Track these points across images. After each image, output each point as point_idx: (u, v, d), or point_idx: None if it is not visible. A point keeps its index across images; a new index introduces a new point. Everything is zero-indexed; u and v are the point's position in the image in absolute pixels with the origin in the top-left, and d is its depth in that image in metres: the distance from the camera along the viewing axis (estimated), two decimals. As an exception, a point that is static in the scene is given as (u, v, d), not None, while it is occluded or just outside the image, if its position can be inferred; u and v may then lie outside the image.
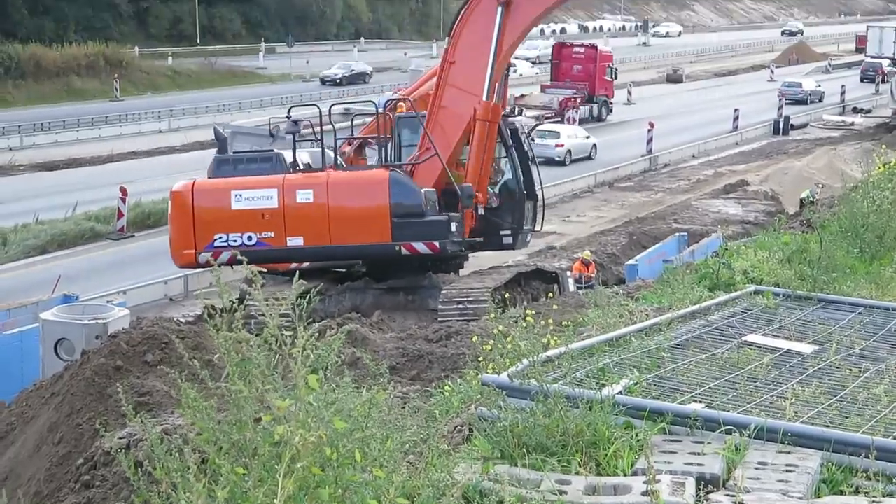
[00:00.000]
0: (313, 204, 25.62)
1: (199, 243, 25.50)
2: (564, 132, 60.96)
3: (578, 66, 75.14)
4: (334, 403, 6.04)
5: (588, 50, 76.81)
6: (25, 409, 16.37)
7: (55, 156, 58.43)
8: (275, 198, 25.65)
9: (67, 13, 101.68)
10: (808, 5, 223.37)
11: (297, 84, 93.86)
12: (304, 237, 25.63)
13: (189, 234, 25.61)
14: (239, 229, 25.56)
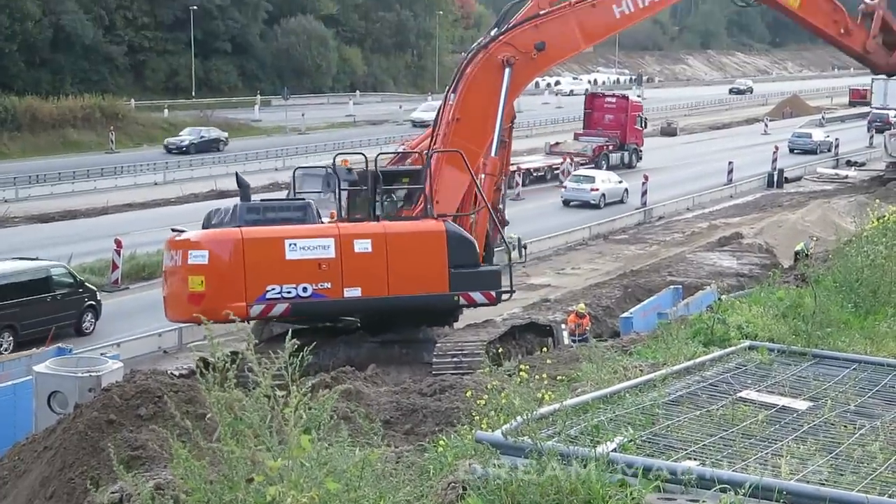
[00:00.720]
0: (372, 254, 25.46)
1: (250, 295, 24.73)
2: (599, 177, 64.16)
3: (610, 115, 78.29)
4: (327, 463, 6.01)
5: (619, 100, 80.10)
6: (18, 463, 16.24)
7: (50, 208, 58.43)
8: (332, 248, 25.21)
9: (64, 66, 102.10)
10: (801, 59, 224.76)
11: (292, 136, 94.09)
12: (361, 288, 25.42)
13: (235, 286, 24.58)
14: (294, 280, 24.93)
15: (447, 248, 26.02)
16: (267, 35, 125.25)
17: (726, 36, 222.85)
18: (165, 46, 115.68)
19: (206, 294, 24.59)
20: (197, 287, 24.65)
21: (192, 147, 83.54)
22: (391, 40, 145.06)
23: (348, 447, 6.79)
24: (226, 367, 6.35)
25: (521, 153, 73.00)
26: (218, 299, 24.34)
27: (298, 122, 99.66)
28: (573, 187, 62.94)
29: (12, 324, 33.25)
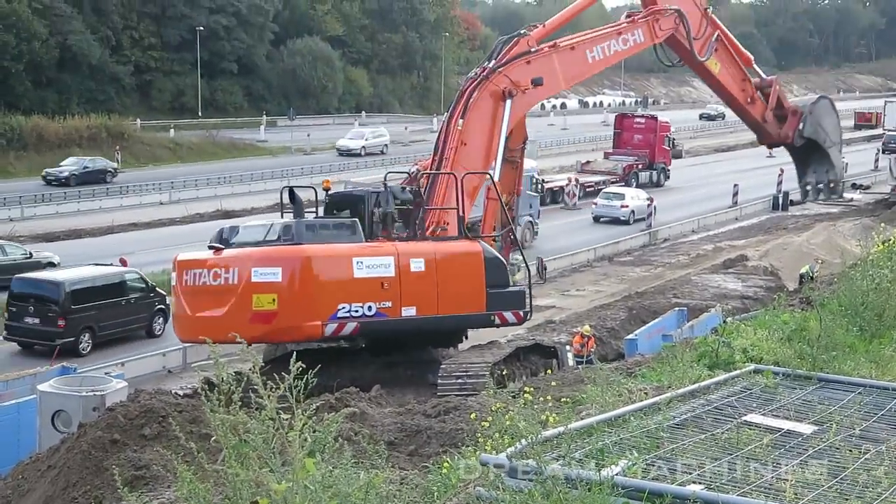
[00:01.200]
0: (424, 273, 25.60)
1: (323, 313, 24.40)
2: (628, 194, 66.67)
3: (639, 135, 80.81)
4: (332, 486, 6.00)
5: (648, 121, 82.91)
6: (21, 482, 16.25)
7: (56, 227, 58.53)
8: (392, 266, 25.21)
9: (70, 85, 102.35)
10: (806, 82, 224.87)
11: (298, 157, 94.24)
12: (416, 307, 25.46)
13: (310, 304, 24.28)
14: (360, 299, 24.71)
15: (483, 268, 26.46)
16: (273, 56, 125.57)
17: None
18: (172, 67, 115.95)
19: (278, 313, 24.11)
20: (267, 305, 24.07)
21: (72, 178, 75.53)
22: (397, 62, 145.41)
23: (352, 469, 6.77)
24: (230, 389, 6.35)
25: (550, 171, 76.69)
26: (293, 318, 24.22)
27: (304, 143, 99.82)
28: (604, 204, 65.14)
29: (91, 325, 35.46)
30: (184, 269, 25.52)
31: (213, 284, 24.73)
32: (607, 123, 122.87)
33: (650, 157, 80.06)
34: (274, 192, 69.50)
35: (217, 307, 24.47)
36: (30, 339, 35.17)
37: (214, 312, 24.50)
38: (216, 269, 24.73)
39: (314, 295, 24.43)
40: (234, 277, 24.41)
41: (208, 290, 24.83)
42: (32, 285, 35.89)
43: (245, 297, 24.19)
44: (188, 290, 25.22)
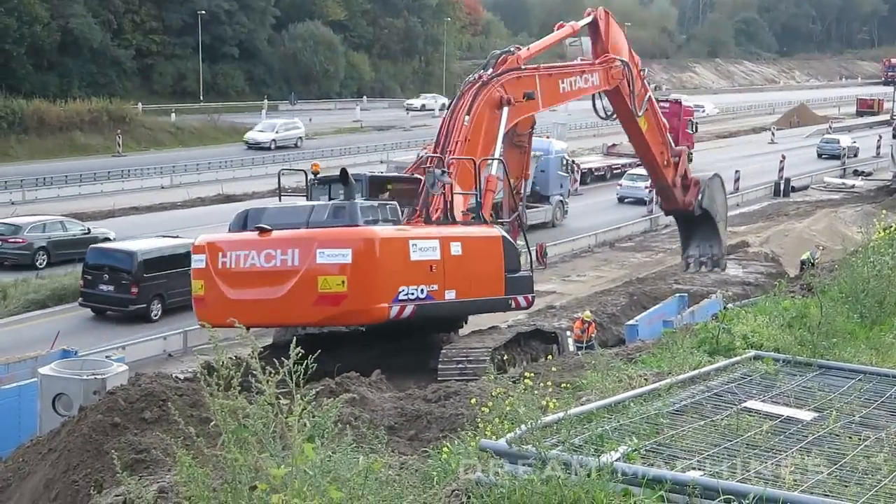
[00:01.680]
0: (461, 257, 25.69)
1: (388, 296, 24.22)
2: None
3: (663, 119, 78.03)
4: (331, 471, 6.00)
5: (672, 105, 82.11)
6: (22, 465, 16.27)
7: (57, 210, 58.38)
8: (438, 250, 25.22)
9: (72, 69, 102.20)
10: (808, 68, 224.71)
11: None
12: (456, 290, 25.55)
13: (378, 286, 24.13)
14: (416, 282, 24.65)
15: (503, 253, 26.84)
16: (275, 40, 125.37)
17: (734, 44, 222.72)
18: (173, 51, 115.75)
19: (347, 295, 23.74)
20: (335, 287, 23.67)
21: None
22: (399, 46, 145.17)
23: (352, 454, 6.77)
24: (230, 375, 6.34)
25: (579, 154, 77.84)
26: (362, 300, 23.99)
27: (305, 128, 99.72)
28: (628, 185, 67.27)
29: (161, 293, 37.69)
30: (219, 251, 24.87)
31: (266, 266, 24.18)
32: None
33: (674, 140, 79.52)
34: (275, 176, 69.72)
35: (270, 290, 24.09)
36: (103, 306, 37.90)
37: (266, 295, 24.12)
38: (268, 250, 24.19)
39: (381, 277, 24.21)
40: (295, 259, 23.95)
41: (257, 272, 24.33)
42: (107, 255, 38.52)
43: (309, 278, 23.76)
44: (227, 272, 24.60)
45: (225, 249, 24.81)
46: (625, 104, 32.34)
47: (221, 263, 24.70)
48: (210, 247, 25.21)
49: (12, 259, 44.63)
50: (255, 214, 25.72)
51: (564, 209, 60.35)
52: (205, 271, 25.02)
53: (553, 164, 58.78)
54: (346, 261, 23.72)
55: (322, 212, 25.03)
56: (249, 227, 25.26)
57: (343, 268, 23.70)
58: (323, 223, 24.58)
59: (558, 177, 59.55)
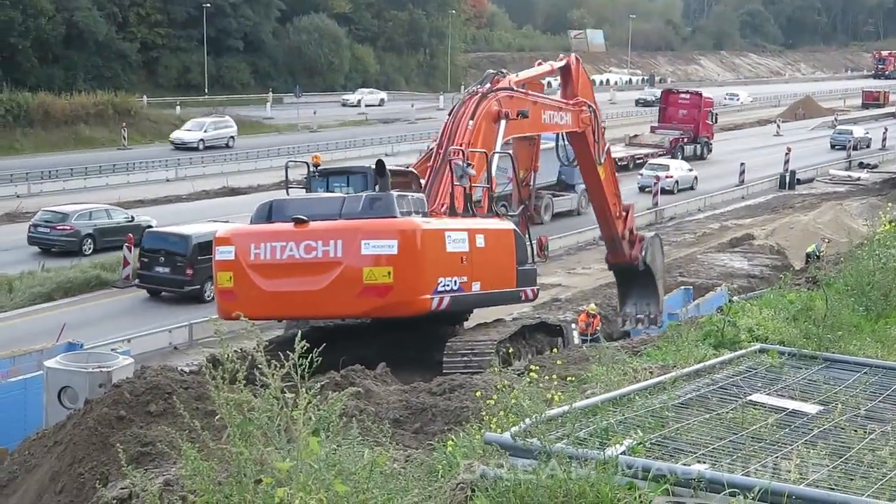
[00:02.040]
0: (485, 249, 25.66)
1: (429, 287, 23.97)
2: (673, 166, 71.88)
3: (684, 110, 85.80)
4: (336, 465, 6.00)
5: (693, 97, 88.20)
6: (28, 458, 16.29)
7: (62, 203, 58.51)
8: (466, 241, 25.08)
9: (77, 62, 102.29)
10: (814, 60, 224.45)
11: (304, 134, 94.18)
12: (480, 282, 25.45)
13: (422, 278, 23.86)
14: (451, 273, 24.47)
15: (515, 245, 26.88)
16: (279, 33, 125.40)
17: (739, 37, 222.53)
18: (178, 44, 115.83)
19: (393, 286, 23.40)
20: (381, 279, 23.32)
21: None
22: (403, 39, 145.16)
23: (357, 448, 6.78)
24: (235, 368, 6.34)
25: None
26: (407, 291, 23.69)
27: (310, 120, 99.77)
28: (649, 175, 68.48)
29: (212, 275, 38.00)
30: (251, 242, 24.27)
31: (306, 258, 23.70)
32: (614, 102, 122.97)
33: (695, 131, 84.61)
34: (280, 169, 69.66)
35: (310, 281, 23.72)
36: (159, 287, 40.24)
37: (306, 286, 23.74)
38: (308, 241, 23.74)
39: (425, 268, 24.03)
40: (338, 250, 23.58)
41: (296, 263, 23.82)
42: (163, 239, 40.68)
43: (354, 270, 23.45)
44: (262, 264, 24.03)
45: (258, 241, 24.23)
46: (588, 150, 32.51)
47: (254, 255, 24.13)
48: (240, 238, 24.71)
49: (60, 246, 46.35)
50: (281, 206, 25.27)
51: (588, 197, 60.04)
52: (234, 263, 24.37)
53: None
54: (392, 252, 23.45)
55: (356, 203, 24.82)
56: (275, 218, 24.85)
57: (389, 259, 23.42)
58: (358, 214, 24.26)
59: None
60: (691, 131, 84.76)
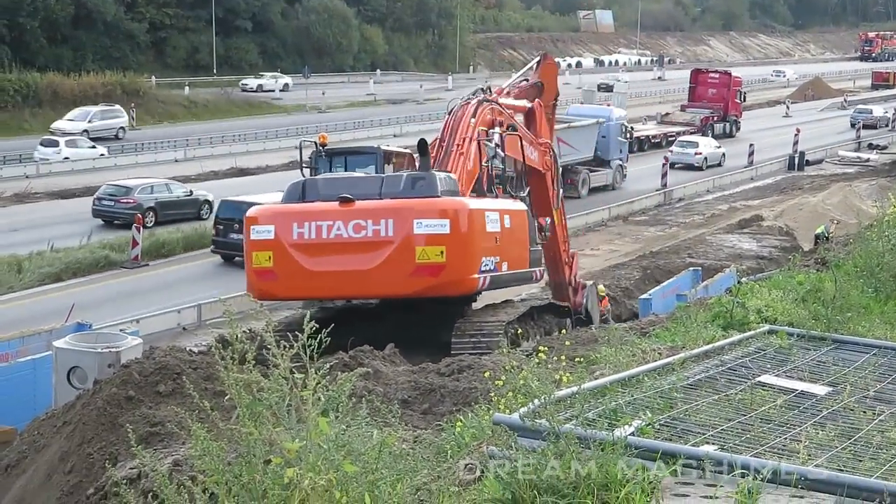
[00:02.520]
0: (511, 229, 25.91)
1: (476, 267, 24.18)
2: (702, 143, 74.02)
3: (713, 89, 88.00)
4: (345, 446, 6.01)
5: (722, 76, 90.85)
6: (37, 438, 16.32)
7: (71, 184, 58.58)
8: (499, 222, 25.30)
9: (85, 43, 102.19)
10: (823, 41, 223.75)
11: (313, 115, 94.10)
12: (507, 262, 25.59)
13: (471, 257, 24.02)
14: (489, 253, 24.71)
15: (527, 226, 27.23)
16: (288, 13, 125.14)
17: (748, 17, 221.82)
18: (186, 24, 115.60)
19: (446, 266, 23.48)
20: (434, 258, 23.38)
21: None
22: (412, 19, 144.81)
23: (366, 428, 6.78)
24: (244, 349, 6.34)
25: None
26: (458, 271, 23.84)
27: (319, 101, 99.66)
28: (679, 151, 71.56)
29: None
30: (292, 221, 24.07)
31: (355, 237, 23.66)
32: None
33: (724, 109, 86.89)
34: (288, 150, 69.83)
35: (359, 260, 23.70)
36: (233, 252, 40.85)
37: (355, 265, 23.70)
38: (357, 220, 23.66)
39: (475, 248, 24.21)
40: (389, 229, 23.55)
41: (344, 243, 23.76)
42: (237, 209, 40.18)
43: (406, 249, 23.48)
44: (305, 244, 23.88)
45: (301, 220, 24.02)
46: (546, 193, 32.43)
47: (297, 234, 23.94)
48: (280, 217, 24.43)
49: (123, 219, 47.31)
50: (314, 185, 25.12)
51: (623, 173, 64.12)
52: (274, 242, 24.11)
53: (613, 130, 62.64)
54: (444, 231, 23.50)
55: (396, 182, 24.84)
56: (308, 198, 24.74)
57: (443, 238, 23.46)
58: (400, 194, 24.30)
59: (618, 142, 63.35)
60: (721, 110, 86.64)
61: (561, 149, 48.68)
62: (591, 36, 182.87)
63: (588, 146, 59.11)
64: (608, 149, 61.76)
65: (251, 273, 24.87)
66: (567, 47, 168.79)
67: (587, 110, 66.31)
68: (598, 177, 61.37)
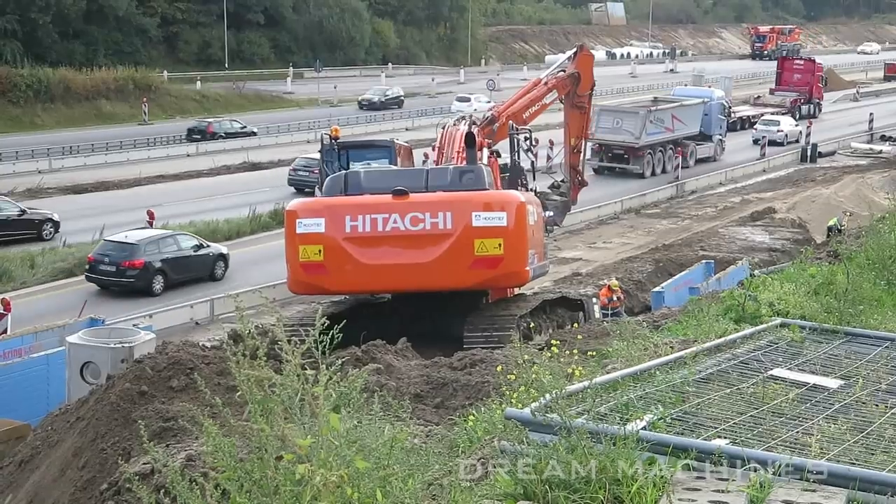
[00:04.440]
0: (537, 223, 26.42)
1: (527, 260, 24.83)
2: (783, 122, 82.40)
3: (798, 74, 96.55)
4: (356, 442, 6.02)
5: (807, 63, 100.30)
6: (50, 433, 16.39)
7: (83, 179, 58.71)
8: (535, 215, 25.80)
9: (97, 37, 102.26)
10: (835, 33, 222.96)
11: (325, 109, 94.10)
12: (537, 255, 26.11)
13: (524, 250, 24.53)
14: (531, 246, 25.19)
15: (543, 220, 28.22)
16: (300, 7, 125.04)
17: (761, 9, 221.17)
18: (198, 18, 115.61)
19: (503, 258, 23.85)
20: (492, 251, 23.68)
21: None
22: (424, 13, 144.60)
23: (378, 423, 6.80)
24: (256, 345, 6.36)
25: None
26: (515, 262, 24.26)
27: (331, 95, 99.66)
28: (762, 129, 79.38)
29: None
30: (345, 214, 24.08)
31: (412, 230, 23.83)
32: (635, 76, 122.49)
33: (809, 93, 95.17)
34: (300, 144, 69.98)
35: (417, 253, 23.87)
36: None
37: (412, 259, 23.86)
38: (415, 213, 23.82)
39: (527, 240, 24.58)
40: (448, 222, 23.74)
41: (401, 235, 23.95)
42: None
43: (465, 242, 23.72)
44: (359, 237, 23.99)
45: (355, 213, 24.06)
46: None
47: (351, 227, 24.00)
48: (332, 210, 24.37)
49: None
50: (356, 178, 25.18)
51: (722, 146, 72.44)
52: (325, 236, 24.15)
53: (715, 108, 72.03)
54: (502, 224, 23.85)
55: (443, 175, 25.01)
56: (351, 191, 24.81)
57: (501, 231, 23.80)
58: (448, 187, 24.55)
59: (718, 119, 72.44)
60: (806, 93, 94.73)
61: (674, 124, 64.83)
62: (603, 28, 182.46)
63: (695, 122, 67.91)
64: (711, 125, 70.69)
65: (297, 267, 24.69)
66: (578, 40, 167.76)
67: (692, 91, 79.49)
68: (703, 149, 69.78)
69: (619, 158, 64.11)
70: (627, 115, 63.77)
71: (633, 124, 62.81)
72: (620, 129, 62.86)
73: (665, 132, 64.61)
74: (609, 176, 63.25)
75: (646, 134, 62.79)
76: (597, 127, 60.12)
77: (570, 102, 36.18)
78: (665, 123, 64.68)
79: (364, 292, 26.29)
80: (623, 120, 63.13)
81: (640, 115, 63.28)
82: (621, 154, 63.84)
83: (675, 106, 66.95)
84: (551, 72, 35.65)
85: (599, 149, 63.72)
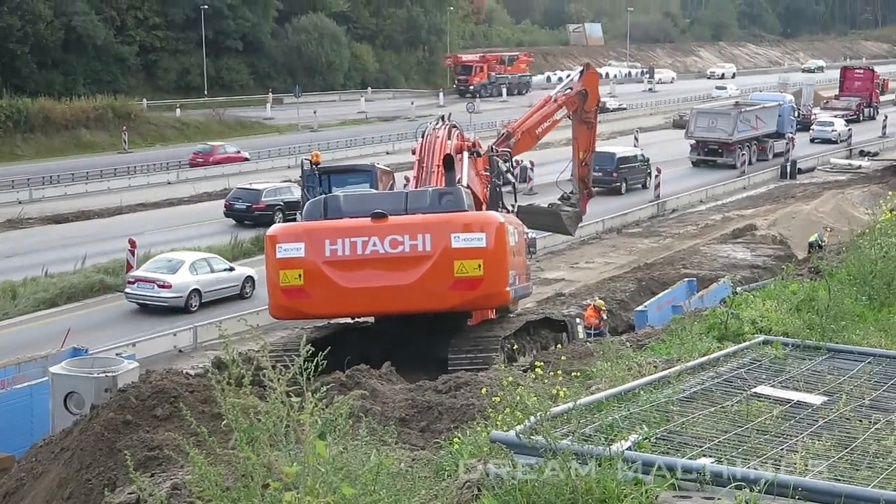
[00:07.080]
0: (518, 244, 26.34)
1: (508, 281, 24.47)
2: (836, 123, 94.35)
3: (859, 82, 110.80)
4: (343, 468, 6.03)
5: (866, 72, 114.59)
6: (35, 465, 16.32)
7: (64, 208, 58.61)
8: (516, 235, 25.71)
9: (76, 67, 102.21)
10: (813, 49, 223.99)
11: (305, 134, 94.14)
12: (518, 275, 25.94)
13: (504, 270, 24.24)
14: (512, 266, 24.96)
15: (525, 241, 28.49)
16: (278, 33, 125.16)
17: (738, 27, 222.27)
18: (177, 46, 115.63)
19: (483, 279, 23.65)
20: (472, 272, 23.50)
21: None
22: (402, 37, 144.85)
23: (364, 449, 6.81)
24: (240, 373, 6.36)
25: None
26: (494, 284, 24.04)
27: (311, 120, 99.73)
28: (818, 129, 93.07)
29: None
30: (324, 238, 23.87)
31: (391, 252, 23.64)
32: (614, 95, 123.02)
33: (869, 98, 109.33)
34: (281, 170, 69.99)
35: (396, 276, 23.70)
36: None
37: (392, 281, 23.69)
38: (394, 235, 23.67)
39: (507, 260, 24.40)
40: (427, 244, 23.59)
41: (380, 258, 23.74)
42: None
43: (445, 263, 23.55)
44: (339, 261, 23.76)
45: (334, 236, 23.88)
46: None
47: (331, 251, 23.80)
48: (311, 234, 24.18)
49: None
50: (335, 202, 25.08)
51: (793, 144, 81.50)
52: (305, 260, 23.86)
53: (787, 111, 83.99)
54: (482, 244, 23.69)
55: (422, 198, 24.96)
56: (330, 215, 24.67)
57: (480, 252, 23.64)
58: (427, 209, 24.46)
59: (790, 120, 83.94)
60: (868, 98, 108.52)
61: (758, 123, 78.88)
62: (581, 49, 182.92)
63: (773, 122, 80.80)
64: (784, 124, 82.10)
65: (278, 292, 24.48)
66: (557, 61, 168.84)
67: (767, 96, 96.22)
68: (778, 145, 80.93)
69: (714, 153, 76.52)
70: (721, 116, 77.49)
71: (726, 123, 75.88)
72: (715, 127, 75.86)
73: (751, 130, 78.23)
74: (704, 168, 76.05)
75: (737, 131, 75.71)
76: (694, 126, 76.88)
77: (579, 118, 37.13)
78: (751, 122, 78.56)
79: (345, 315, 26.22)
80: (717, 120, 76.45)
81: (731, 115, 76.87)
82: (716, 149, 76.26)
83: (759, 108, 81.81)
84: (560, 89, 37.11)
85: (697, 145, 77.11)
